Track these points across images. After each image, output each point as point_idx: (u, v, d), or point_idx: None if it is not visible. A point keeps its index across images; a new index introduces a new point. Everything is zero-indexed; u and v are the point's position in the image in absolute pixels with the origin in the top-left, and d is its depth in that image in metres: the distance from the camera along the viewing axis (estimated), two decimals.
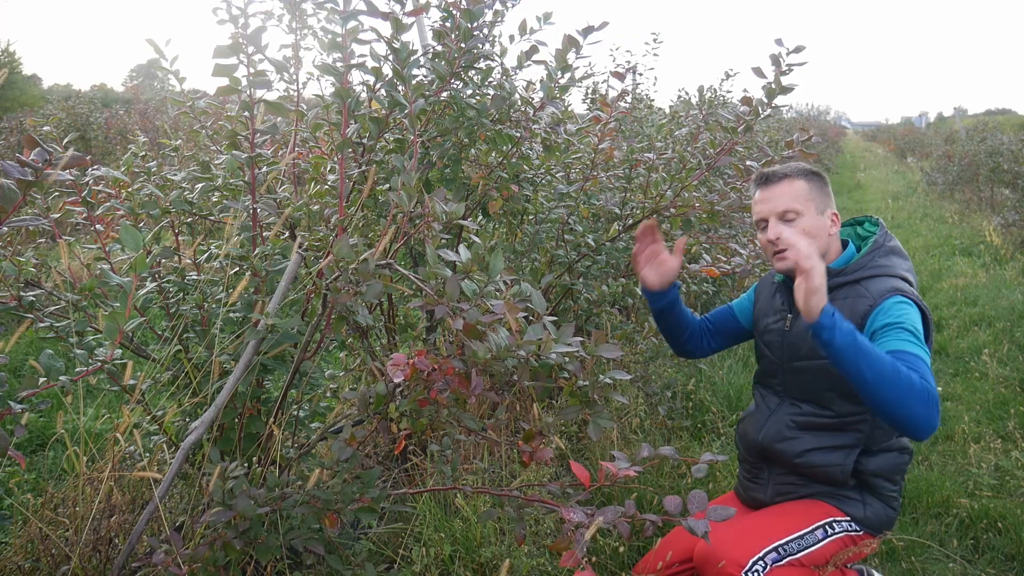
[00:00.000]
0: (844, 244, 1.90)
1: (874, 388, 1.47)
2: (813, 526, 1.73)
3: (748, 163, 2.55)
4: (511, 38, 2.25)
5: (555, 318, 1.48)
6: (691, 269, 2.78)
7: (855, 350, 1.48)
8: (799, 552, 1.69)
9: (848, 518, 1.76)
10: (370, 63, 1.83)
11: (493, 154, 2.44)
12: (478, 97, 2.30)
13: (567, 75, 2.26)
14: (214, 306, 2.01)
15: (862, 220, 1.95)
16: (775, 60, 2.27)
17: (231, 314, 1.87)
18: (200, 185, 2.08)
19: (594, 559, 2.23)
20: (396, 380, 1.37)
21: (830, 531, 1.73)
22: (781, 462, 1.85)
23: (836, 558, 1.73)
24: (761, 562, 1.64)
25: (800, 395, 1.87)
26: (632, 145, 2.93)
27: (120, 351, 1.91)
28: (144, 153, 2.20)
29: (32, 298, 1.73)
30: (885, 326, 1.65)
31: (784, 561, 1.67)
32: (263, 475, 1.73)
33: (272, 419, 1.86)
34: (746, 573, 1.63)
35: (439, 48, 2.12)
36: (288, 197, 2.06)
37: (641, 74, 6.02)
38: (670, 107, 6.35)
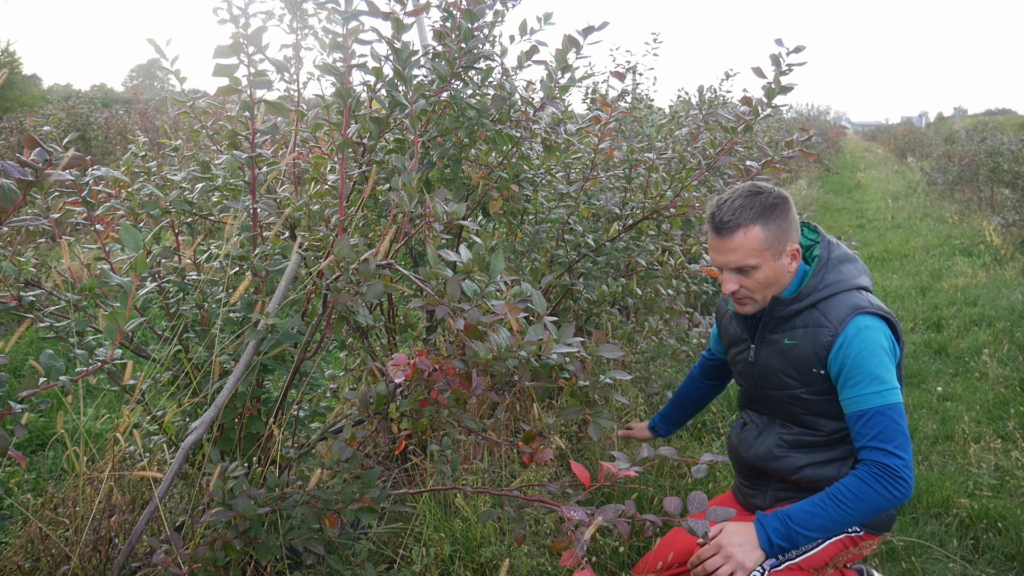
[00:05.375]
0: None
1: (845, 524, 1.62)
2: None
3: (748, 163, 2.55)
4: (511, 38, 2.25)
5: (555, 318, 1.48)
6: (691, 269, 2.78)
7: (806, 527, 1.61)
8: (800, 556, 1.68)
9: None
10: (371, 63, 1.83)
11: (493, 154, 2.44)
12: (478, 97, 2.30)
13: (567, 75, 2.26)
14: (214, 306, 2.01)
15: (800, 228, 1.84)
16: (775, 60, 2.27)
17: (231, 314, 1.87)
18: (200, 185, 2.08)
19: (594, 559, 2.23)
20: (397, 380, 1.37)
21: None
22: (776, 478, 1.84)
23: (836, 559, 1.73)
24: (760, 568, 1.63)
25: (784, 417, 1.84)
26: (632, 145, 2.93)
27: (120, 351, 1.91)
28: (144, 153, 2.19)
29: (32, 298, 1.73)
30: (848, 376, 1.65)
31: (783, 566, 1.67)
32: (263, 475, 1.73)
33: (272, 419, 1.86)
34: None
35: (440, 48, 2.12)
36: (288, 197, 2.06)
37: (641, 74, 6.03)
38: (670, 107, 6.35)
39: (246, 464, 1.88)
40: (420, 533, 2.25)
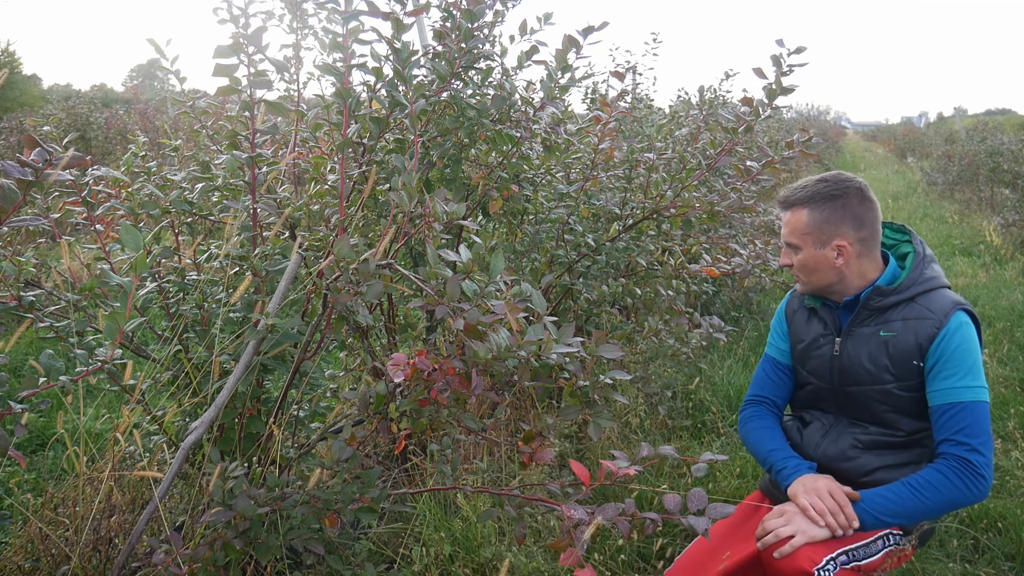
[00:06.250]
0: (883, 256, 1.83)
1: (919, 515, 1.65)
2: (875, 536, 1.71)
3: (748, 163, 2.55)
4: (511, 38, 2.25)
5: (555, 318, 1.48)
6: (691, 269, 2.78)
7: (880, 512, 1.63)
8: (864, 559, 1.67)
9: (900, 532, 1.75)
10: (371, 63, 1.84)
11: (493, 154, 2.44)
12: (478, 97, 2.31)
13: (567, 75, 2.26)
14: (214, 306, 2.01)
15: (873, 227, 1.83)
16: (776, 61, 2.26)
17: (231, 314, 1.87)
18: (200, 185, 2.08)
19: (597, 556, 2.23)
20: (397, 380, 1.37)
21: (887, 542, 1.72)
22: (844, 478, 1.79)
23: (883, 566, 1.73)
24: (833, 562, 1.62)
25: (860, 417, 1.81)
26: (632, 145, 2.93)
27: (120, 351, 1.91)
28: (144, 153, 2.19)
29: (32, 298, 1.73)
30: (943, 367, 1.66)
31: (851, 565, 1.65)
32: (263, 475, 1.73)
33: (272, 419, 1.86)
34: (819, 570, 1.61)
35: (439, 48, 2.12)
36: (288, 197, 2.06)
37: (641, 74, 6.03)
38: (670, 107, 6.34)
39: (246, 464, 1.88)
40: (420, 533, 2.25)
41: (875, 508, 1.63)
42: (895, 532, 1.74)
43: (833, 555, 1.63)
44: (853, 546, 1.67)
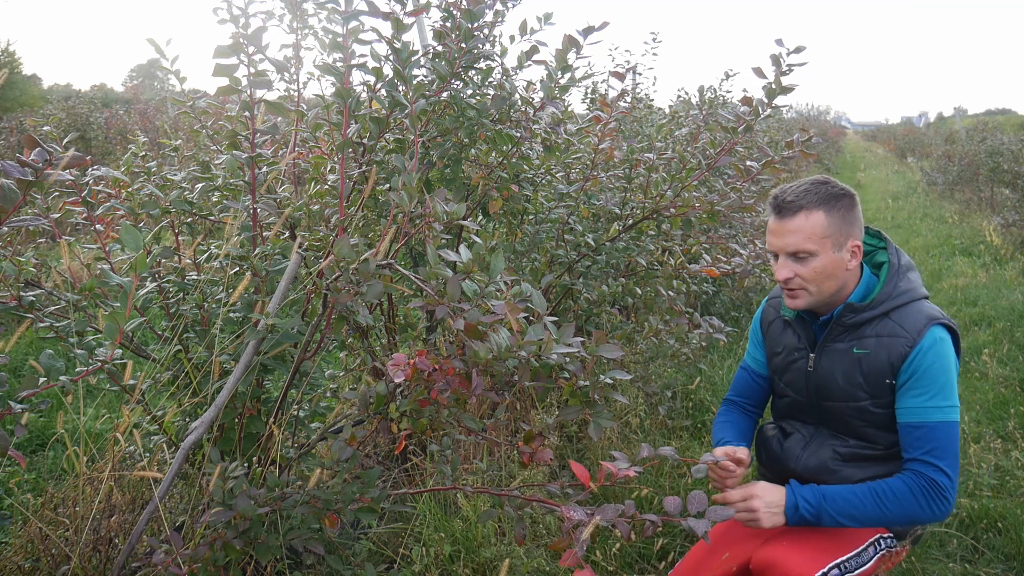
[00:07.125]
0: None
1: (875, 522, 1.64)
2: (866, 544, 1.70)
3: (748, 163, 2.55)
4: (511, 38, 2.25)
5: (555, 318, 1.48)
6: (691, 269, 2.78)
7: (838, 512, 1.63)
8: (855, 570, 1.67)
9: (891, 534, 1.75)
10: (371, 63, 1.84)
11: (493, 154, 2.45)
12: (478, 97, 2.31)
13: (567, 75, 2.26)
14: (214, 306, 2.01)
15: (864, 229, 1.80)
16: (775, 60, 2.26)
17: (231, 314, 1.87)
18: (200, 185, 2.08)
19: (598, 554, 2.23)
20: (397, 380, 1.37)
21: (878, 548, 1.72)
22: None
23: (877, 571, 1.73)
24: None
25: (839, 429, 1.79)
26: (632, 145, 2.93)
27: (120, 351, 1.91)
28: (144, 153, 2.20)
29: (32, 298, 1.73)
30: (914, 385, 1.64)
31: None
32: (263, 475, 1.73)
33: (272, 419, 1.86)
34: None
35: (440, 48, 2.13)
36: (288, 197, 2.07)
37: (641, 74, 6.03)
38: (670, 107, 6.34)
39: (246, 464, 1.88)
40: (420, 533, 2.26)
41: (835, 509, 1.62)
42: (885, 536, 1.74)
43: (824, 570, 1.62)
44: (844, 558, 1.66)
